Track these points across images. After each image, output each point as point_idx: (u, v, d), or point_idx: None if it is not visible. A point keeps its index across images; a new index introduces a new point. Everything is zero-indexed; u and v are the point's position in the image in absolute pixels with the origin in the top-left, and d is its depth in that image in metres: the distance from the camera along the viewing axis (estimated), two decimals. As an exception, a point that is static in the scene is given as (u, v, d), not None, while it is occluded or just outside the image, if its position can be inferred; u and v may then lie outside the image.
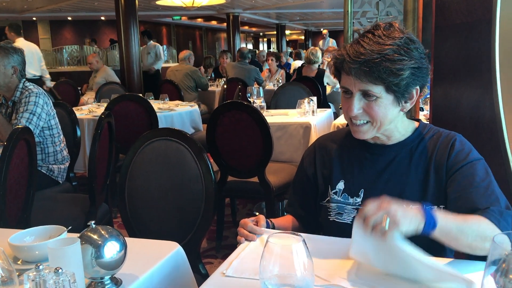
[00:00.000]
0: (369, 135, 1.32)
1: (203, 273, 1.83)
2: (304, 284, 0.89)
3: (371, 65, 1.20)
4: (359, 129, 1.31)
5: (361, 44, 1.23)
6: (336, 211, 1.37)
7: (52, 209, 2.56)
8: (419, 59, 1.25)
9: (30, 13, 15.73)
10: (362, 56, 1.21)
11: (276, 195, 3.03)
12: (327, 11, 18.38)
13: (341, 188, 1.38)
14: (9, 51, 2.83)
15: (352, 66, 1.22)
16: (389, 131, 1.34)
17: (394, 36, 1.24)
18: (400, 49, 1.22)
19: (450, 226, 1.10)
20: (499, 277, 0.75)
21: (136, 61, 8.33)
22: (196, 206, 1.81)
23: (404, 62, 1.21)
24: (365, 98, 1.26)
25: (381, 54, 1.20)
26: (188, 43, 23.13)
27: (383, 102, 1.26)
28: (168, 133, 1.91)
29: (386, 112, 1.27)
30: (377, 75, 1.21)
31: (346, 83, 1.28)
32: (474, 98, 1.91)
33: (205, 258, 3.15)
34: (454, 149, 1.30)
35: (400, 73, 1.21)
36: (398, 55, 1.21)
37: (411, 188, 1.31)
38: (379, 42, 1.22)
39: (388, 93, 1.25)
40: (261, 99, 4.08)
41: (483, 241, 1.11)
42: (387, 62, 1.20)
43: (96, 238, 1.08)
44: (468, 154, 1.29)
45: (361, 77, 1.23)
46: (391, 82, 1.22)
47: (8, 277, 0.95)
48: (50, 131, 2.90)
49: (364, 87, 1.24)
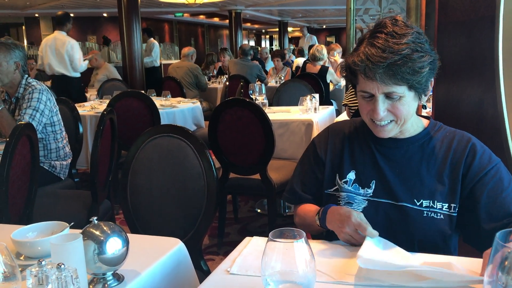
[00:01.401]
0: (394, 133, 1.34)
1: (205, 269, 1.83)
2: (306, 280, 0.89)
3: (395, 68, 1.20)
4: (384, 129, 1.31)
5: (377, 46, 1.22)
6: (346, 200, 1.38)
7: (54, 205, 2.57)
8: (431, 51, 1.27)
9: (33, 9, 15.71)
10: (385, 59, 1.20)
11: (278, 192, 3.03)
12: (330, 8, 18.33)
13: (352, 178, 1.39)
14: (11, 47, 2.83)
15: (377, 71, 1.22)
16: (406, 126, 1.34)
17: (405, 32, 1.24)
18: (416, 45, 1.23)
19: None
20: (502, 274, 0.75)
21: (138, 58, 8.32)
22: (198, 202, 1.81)
23: (423, 59, 1.23)
24: (388, 99, 1.27)
25: (402, 55, 1.20)
26: (190, 40, 23.10)
27: (406, 100, 1.27)
28: (170, 129, 1.91)
29: (409, 109, 1.29)
30: (402, 76, 1.21)
31: (368, 87, 1.27)
32: (477, 96, 1.90)
33: (206, 254, 3.15)
34: (477, 152, 1.31)
35: (422, 70, 1.23)
36: (416, 53, 1.22)
37: (422, 183, 1.32)
38: (394, 42, 1.22)
39: (410, 91, 1.26)
40: (263, 96, 4.08)
41: None
42: (409, 63, 1.21)
43: (98, 234, 1.08)
44: (491, 157, 1.31)
45: (386, 81, 1.23)
46: (415, 81, 1.23)
47: (10, 272, 0.96)
48: (52, 128, 2.90)
49: (388, 89, 1.24)
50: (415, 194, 1.31)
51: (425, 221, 1.29)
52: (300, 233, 0.92)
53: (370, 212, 1.32)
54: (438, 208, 1.30)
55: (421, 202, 1.30)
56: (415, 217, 1.30)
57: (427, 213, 1.30)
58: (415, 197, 1.31)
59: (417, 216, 1.30)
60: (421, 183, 1.32)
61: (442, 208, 1.30)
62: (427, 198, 1.30)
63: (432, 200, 1.30)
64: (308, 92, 4.37)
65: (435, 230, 1.29)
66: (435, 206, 1.30)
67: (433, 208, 1.30)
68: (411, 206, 1.31)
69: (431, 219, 1.29)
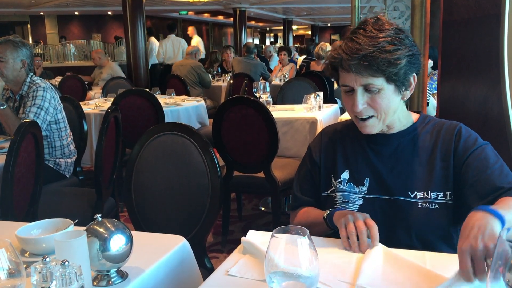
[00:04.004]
0: (377, 129, 1.35)
1: (209, 267, 1.83)
2: (309, 278, 0.89)
3: (369, 59, 1.24)
4: (365, 123, 1.33)
5: (355, 40, 1.27)
6: (342, 199, 1.39)
7: (59, 202, 2.58)
8: (411, 46, 1.29)
9: (38, 7, 15.76)
10: (359, 51, 1.24)
11: (282, 190, 3.03)
12: (334, 6, 18.28)
13: (346, 178, 1.41)
14: (18, 45, 2.84)
15: (351, 62, 1.26)
16: (392, 121, 1.37)
17: (384, 28, 1.28)
18: (393, 39, 1.26)
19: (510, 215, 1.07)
20: (507, 272, 0.74)
21: (142, 56, 8.35)
22: (202, 200, 1.82)
23: (399, 52, 1.25)
24: (368, 92, 1.29)
25: (376, 47, 1.24)
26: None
27: (385, 93, 1.29)
28: (174, 127, 1.91)
29: (389, 103, 1.30)
30: (377, 68, 1.24)
31: (346, 80, 1.30)
32: (482, 93, 1.89)
33: (210, 252, 3.15)
34: (462, 136, 1.33)
35: (397, 62, 1.25)
36: (392, 46, 1.25)
37: (415, 175, 1.33)
38: (372, 36, 1.26)
39: (389, 84, 1.28)
40: (267, 94, 4.07)
41: None
42: (384, 54, 1.24)
43: (102, 231, 1.09)
44: (476, 139, 1.32)
45: (362, 72, 1.26)
46: (391, 72, 1.25)
47: (15, 269, 0.96)
48: (57, 125, 2.91)
49: (365, 81, 1.27)
50: (409, 187, 1.32)
51: (420, 212, 1.30)
52: (303, 230, 0.92)
53: (367, 209, 1.32)
54: (433, 198, 1.31)
55: (415, 194, 1.31)
56: (410, 209, 1.30)
57: (421, 205, 1.30)
58: (409, 190, 1.32)
59: (412, 208, 1.30)
60: (414, 175, 1.33)
61: (437, 197, 1.30)
62: (421, 190, 1.31)
63: (426, 191, 1.31)
64: (313, 90, 4.36)
65: (431, 222, 1.30)
66: (429, 196, 1.31)
67: (427, 199, 1.31)
68: (405, 199, 1.32)
69: (426, 210, 1.30)
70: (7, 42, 2.84)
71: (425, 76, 2.22)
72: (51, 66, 13.26)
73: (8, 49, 2.81)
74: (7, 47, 2.82)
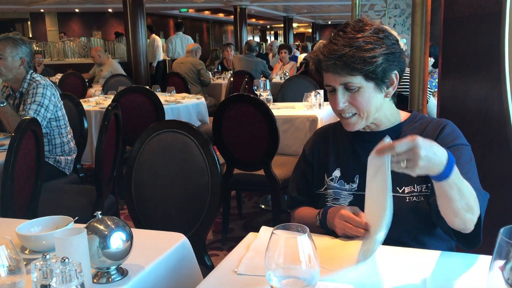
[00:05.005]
0: (359, 126, 1.38)
1: (209, 264, 1.84)
2: (309, 276, 0.89)
3: (344, 59, 1.27)
4: (348, 121, 1.37)
5: (333, 42, 1.31)
6: (333, 196, 1.43)
7: (59, 200, 2.58)
8: (390, 45, 1.31)
9: (38, 5, 15.74)
10: (336, 52, 1.28)
11: (282, 188, 3.03)
12: (335, 4, 18.26)
13: (338, 176, 1.44)
14: (18, 42, 2.84)
15: (328, 63, 1.30)
16: (378, 119, 1.39)
17: (364, 29, 1.31)
18: (371, 38, 1.28)
19: (461, 181, 1.11)
20: (507, 270, 0.74)
21: (143, 53, 8.34)
22: (202, 198, 1.82)
23: (375, 50, 1.27)
24: (348, 91, 1.33)
25: (353, 47, 1.27)
26: (195, 35, 23.08)
27: (365, 91, 1.31)
28: (174, 125, 1.91)
29: (370, 101, 1.33)
30: (353, 67, 1.27)
31: (328, 80, 1.35)
32: (483, 92, 1.89)
33: (210, 250, 3.16)
34: (444, 132, 1.35)
35: (373, 60, 1.27)
36: (369, 45, 1.27)
37: None
38: (350, 37, 1.29)
39: (368, 82, 1.31)
40: (268, 92, 4.06)
41: (468, 211, 1.13)
42: (359, 53, 1.26)
43: (102, 228, 1.09)
44: (457, 138, 1.33)
45: (339, 71, 1.29)
46: (368, 70, 1.28)
47: (15, 266, 0.96)
48: (57, 123, 2.91)
49: (343, 80, 1.30)
50: (397, 182, 1.33)
51: (408, 206, 1.32)
52: (303, 228, 0.92)
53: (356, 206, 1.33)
54: (419, 191, 1.33)
55: (403, 189, 1.34)
56: (398, 204, 1.30)
57: (409, 198, 1.32)
58: (397, 185, 1.33)
59: (400, 203, 1.32)
60: None
61: (422, 190, 1.33)
62: (409, 184, 1.33)
63: (412, 184, 1.33)
64: (313, 88, 4.35)
65: (419, 214, 1.32)
66: (415, 190, 1.33)
67: (414, 192, 1.33)
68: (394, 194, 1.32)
69: (414, 203, 1.32)
70: (7, 39, 2.84)
71: (425, 74, 2.22)
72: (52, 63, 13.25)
73: (7, 46, 2.81)
74: (6, 44, 2.81)
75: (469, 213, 1.13)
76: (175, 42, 9.86)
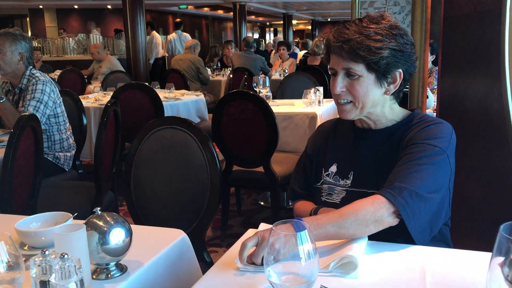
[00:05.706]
0: (353, 115, 1.37)
1: (208, 261, 1.84)
2: (308, 272, 0.89)
3: (352, 44, 1.28)
4: (343, 108, 1.37)
5: (346, 27, 1.32)
6: (327, 191, 1.43)
7: (58, 196, 2.58)
8: (402, 43, 1.31)
9: (37, 1, 15.71)
10: (345, 35, 1.29)
11: (281, 185, 3.03)
12: (334, 1, 18.23)
13: (334, 171, 1.44)
14: (17, 38, 2.83)
15: (335, 44, 1.31)
16: (375, 115, 1.39)
17: (379, 22, 1.31)
18: (382, 31, 1.29)
19: (324, 230, 1.14)
20: (507, 267, 0.74)
21: (142, 50, 8.32)
22: (201, 194, 1.82)
23: (384, 42, 1.28)
24: (348, 78, 1.33)
25: (362, 34, 1.28)
26: (194, 32, 23.03)
27: (364, 81, 1.31)
28: (174, 121, 1.91)
29: (367, 92, 1.32)
30: (357, 53, 1.28)
31: (332, 63, 1.36)
32: (482, 89, 1.89)
33: (209, 246, 3.16)
34: (426, 129, 1.31)
35: (379, 51, 1.27)
36: (379, 36, 1.28)
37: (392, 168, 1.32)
38: (364, 26, 1.30)
39: (369, 72, 1.30)
40: (267, 88, 4.06)
41: (366, 226, 1.16)
42: (367, 41, 1.27)
43: (101, 224, 1.09)
44: (434, 140, 1.28)
45: (343, 55, 1.30)
46: (371, 60, 1.28)
47: (14, 262, 0.96)
48: (56, 119, 2.91)
49: (346, 65, 1.31)
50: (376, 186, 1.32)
51: None
52: (303, 224, 0.92)
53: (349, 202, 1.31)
54: None
55: None
56: None
57: None
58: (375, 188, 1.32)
59: None
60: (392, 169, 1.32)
61: None
62: None
63: None
64: (312, 85, 4.35)
65: None
66: None
67: None
68: None
69: None
70: (7, 35, 2.83)
71: (425, 72, 2.21)
72: (51, 59, 13.21)
73: (7, 42, 2.80)
74: (6, 40, 2.81)
75: (364, 232, 1.17)
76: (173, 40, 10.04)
